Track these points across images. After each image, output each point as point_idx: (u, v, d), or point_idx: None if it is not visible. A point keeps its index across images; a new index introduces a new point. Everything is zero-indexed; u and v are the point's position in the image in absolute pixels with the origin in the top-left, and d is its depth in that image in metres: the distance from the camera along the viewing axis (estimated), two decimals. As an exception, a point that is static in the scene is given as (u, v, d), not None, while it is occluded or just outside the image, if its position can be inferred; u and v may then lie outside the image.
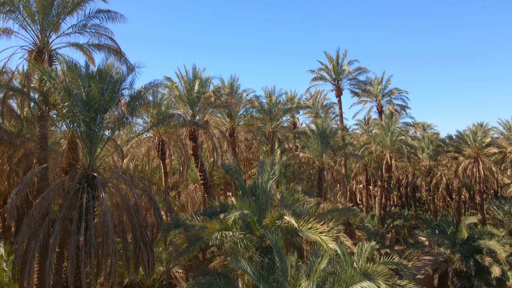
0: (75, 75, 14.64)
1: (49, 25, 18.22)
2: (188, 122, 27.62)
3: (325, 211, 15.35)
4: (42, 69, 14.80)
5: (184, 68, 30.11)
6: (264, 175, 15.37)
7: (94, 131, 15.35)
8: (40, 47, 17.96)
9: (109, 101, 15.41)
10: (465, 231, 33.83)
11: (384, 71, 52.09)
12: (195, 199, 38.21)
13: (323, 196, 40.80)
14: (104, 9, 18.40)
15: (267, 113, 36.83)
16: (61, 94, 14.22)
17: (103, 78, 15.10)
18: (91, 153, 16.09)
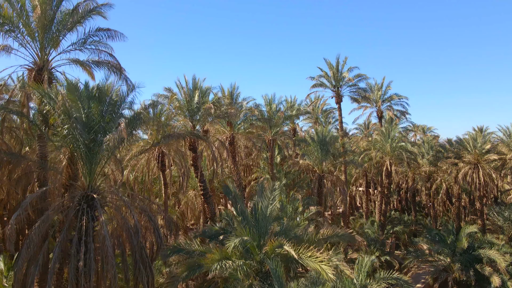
0: (74, 97, 14.61)
1: (48, 43, 18.19)
2: (188, 134, 27.63)
3: (325, 237, 15.31)
4: (42, 91, 14.76)
5: (184, 78, 30.13)
6: (264, 201, 15.34)
7: (93, 153, 15.32)
8: (40, 66, 17.93)
9: (109, 122, 15.38)
10: (465, 241, 33.83)
11: (384, 77, 52.01)
12: (195, 206, 38.23)
13: (323, 204, 40.82)
14: (104, 28, 18.39)
15: (267, 121, 36.78)
16: (61, 117, 14.19)
17: (103, 100, 15.09)
18: (91, 173, 16.08)
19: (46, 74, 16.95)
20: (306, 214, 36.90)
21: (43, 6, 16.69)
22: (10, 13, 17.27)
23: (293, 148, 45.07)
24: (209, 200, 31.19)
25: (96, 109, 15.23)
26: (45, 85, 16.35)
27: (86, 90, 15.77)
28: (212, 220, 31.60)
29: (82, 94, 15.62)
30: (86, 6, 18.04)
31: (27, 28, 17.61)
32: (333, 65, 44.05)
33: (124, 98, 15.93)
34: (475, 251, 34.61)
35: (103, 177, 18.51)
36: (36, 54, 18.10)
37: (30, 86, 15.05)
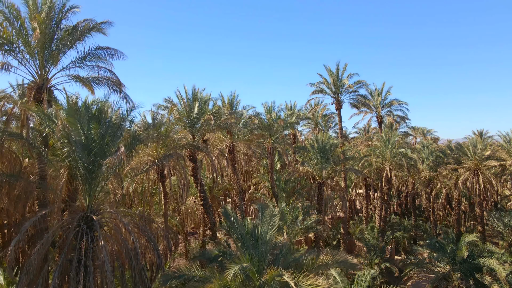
0: (74, 120, 14.58)
1: (48, 60, 18.16)
2: (188, 145, 27.62)
3: (324, 263, 15.26)
4: (42, 113, 14.74)
5: (184, 89, 30.11)
6: (264, 226, 15.30)
7: (93, 174, 15.30)
8: (39, 84, 17.90)
9: (108, 144, 15.36)
10: (465, 250, 33.76)
11: (384, 82, 51.99)
12: (195, 212, 38.18)
13: (323, 211, 40.83)
14: (104, 46, 18.37)
15: (266, 129, 36.77)
16: (60, 140, 14.17)
17: (103, 122, 15.07)
18: (90, 194, 16.06)
19: (46, 93, 16.90)
20: (306, 222, 37.03)
21: (43, 26, 16.65)
22: (9, 31, 17.24)
23: (293, 155, 45.04)
24: (209, 210, 31.22)
25: (96, 130, 15.21)
26: (44, 105, 16.32)
27: (86, 110, 15.75)
28: (212, 230, 31.66)
29: (82, 115, 15.59)
30: (86, 25, 18.01)
31: (26, 47, 17.59)
32: (333, 72, 44.00)
33: (123, 119, 15.91)
34: (475, 260, 34.56)
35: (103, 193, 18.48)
36: (36, 72, 18.08)
37: (29, 109, 15.00)
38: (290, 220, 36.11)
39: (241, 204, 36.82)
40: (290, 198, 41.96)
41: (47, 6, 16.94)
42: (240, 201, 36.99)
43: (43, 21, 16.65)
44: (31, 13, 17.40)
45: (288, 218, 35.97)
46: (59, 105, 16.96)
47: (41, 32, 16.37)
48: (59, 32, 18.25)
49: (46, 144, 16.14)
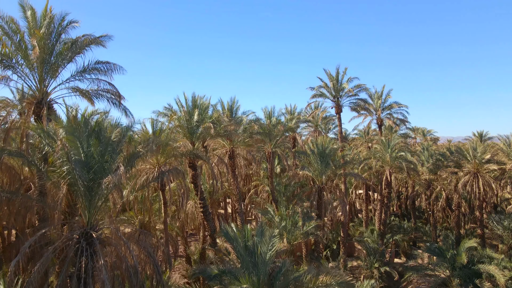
0: (73, 138, 14.57)
1: (47, 74, 18.14)
2: (187, 154, 27.64)
3: (324, 284, 15.25)
4: (41, 132, 14.73)
5: (183, 96, 30.11)
6: (264, 246, 15.32)
7: (93, 192, 15.31)
8: (39, 98, 17.89)
9: (108, 161, 15.37)
10: (465, 256, 33.82)
11: (384, 85, 51.76)
12: (195, 215, 38.19)
13: (322, 216, 40.87)
14: (103, 61, 18.35)
15: (266, 135, 36.75)
16: (60, 159, 14.18)
17: (103, 140, 15.06)
18: (90, 210, 16.08)
19: (45, 108, 16.90)
20: (306, 227, 37.06)
21: (42, 41, 16.63)
22: (8, 46, 17.22)
23: (293, 160, 45.02)
24: (209, 217, 31.25)
25: (95, 147, 15.21)
26: (44, 121, 16.31)
27: (85, 126, 15.74)
28: (211, 237, 31.69)
29: (81, 131, 15.58)
30: (86, 40, 17.99)
31: (26, 61, 17.58)
32: (333, 76, 43.91)
33: (123, 135, 15.91)
34: (475, 265, 34.65)
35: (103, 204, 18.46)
36: (36, 86, 18.06)
37: (28, 128, 15.01)
38: (290, 225, 36.14)
39: (241, 210, 36.86)
40: (290, 202, 42.00)
41: (46, 21, 16.89)
42: (240, 206, 37.01)
43: (42, 37, 16.62)
44: (30, 27, 17.36)
45: (288, 223, 35.99)
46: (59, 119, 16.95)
47: (40, 47, 16.33)
48: (58, 46, 18.21)
49: (45, 160, 16.14)
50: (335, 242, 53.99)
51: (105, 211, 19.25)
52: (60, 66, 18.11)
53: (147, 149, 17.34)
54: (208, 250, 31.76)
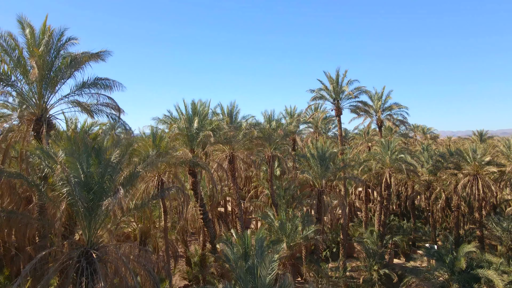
0: (73, 159, 14.58)
1: (46, 90, 18.09)
2: (187, 162, 27.65)
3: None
4: (41, 153, 14.72)
5: (183, 103, 30.10)
6: (263, 271, 15.38)
7: (92, 212, 15.35)
8: (38, 115, 17.86)
9: (107, 181, 15.40)
10: (464, 261, 33.96)
11: (384, 86, 51.69)
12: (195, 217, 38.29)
13: (322, 220, 40.99)
14: (102, 77, 18.30)
15: (266, 140, 36.73)
16: (60, 182, 14.20)
17: (103, 162, 15.07)
18: (90, 229, 16.13)
19: (45, 126, 16.87)
20: (306, 232, 37.16)
21: (40, 60, 16.56)
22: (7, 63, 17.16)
23: (293, 163, 45.06)
24: (209, 224, 31.37)
25: (95, 168, 15.22)
26: (43, 140, 16.29)
27: (85, 146, 15.74)
28: (211, 243, 31.82)
29: (81, 151, 15.60)
30: (85, 57, 17.90)
31: (25, 78, 17.51)
32: (333, 78, 43.81)
33: (123, 155, 15.91)
34: (473, 270, 34.81)
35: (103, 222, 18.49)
36: (35, 103, 18.01)
37: (27, 149, 15.00)
38: (289, 229, 36.25)
39: (240, 214, 36.94)
40: (290, 206, 42.10)
41: (45, 40, 16.80)
42: (240, 211, 37.10)
43: (41, 55, 16.55)
44: (29, 44, 17.28)
45: (287, 227, 36.08)
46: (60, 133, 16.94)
47: (39, 66, 16.28)
48: (57, 61, 18.15)
49: (45, 179, 16.16)
50: (335, 242, 54.23)
51: (106, 226, 19.26)
52: (59, 82, 18.06)
53: (147, 167, 17.34)
54: (208, 257, 31.89)
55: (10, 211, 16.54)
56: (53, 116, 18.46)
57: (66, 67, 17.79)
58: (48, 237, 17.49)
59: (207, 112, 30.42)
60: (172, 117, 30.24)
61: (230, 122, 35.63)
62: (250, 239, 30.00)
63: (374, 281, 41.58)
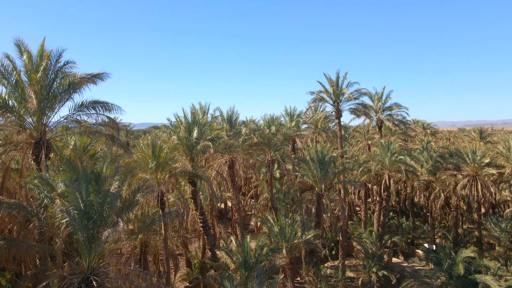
0: (73, 190, 14.60)
1: (44, 114, 18.02)
2: (187, 173, 27.70)
3: None
4: (40, 182, 14.73)
5: (183, 112, 30.05)
6: None
7: (92, 243, 15.41)
8: (36, 138, 17.82)
9: (107, 210, 15.45)
10: (461, 266, 34.22)
11: (384, 87, 51.64)
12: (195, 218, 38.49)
13: (321, 224, 41.21)
14: (101, 101, 18.22)
15: (266, 145, 36.72)
16: (60, 215, 14.24)
17: (102, 191, 15.10)
18: (90, 254, 16.21)
19: (44, 151, 16.85)
20: (305, 236, 37.39)
21: (38, 85, 16.46)
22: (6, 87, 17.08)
23: (292, 167, 45.08)
24: (209, 232, 31.54)
25: (95, 197, 15.26)
26: (43, 166, 16.29)
27: (84, 174, 15.73)
28: (211, 251, 32.02)
29: (80, 178, 15.60)
30: (83, 81, 17.82)
31: (23, 102, 17.41)
32: (333, 80, 43.63)
33: (122, 181, 15.93)
34: (471, 275, 35.10)
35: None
36: (34, 126, 17.96)
37: (25, 182, 15.00)
38: (289, 234, 36.47)
39: (240, 220, 37.10)
40: (289, 209, 42.28)
41: (43, 66, 16.65)
42: (240, 216, 37.25)
43: (39, 80, 16.44)
44: (27, 69, 17.17)
45: (287, 232, 36.30)
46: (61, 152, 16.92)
47: (37, 93, 16.19)
48: (55, 83, 18.05)
49: (45, 208, 16.20)
50: (334, 241, 54.55)
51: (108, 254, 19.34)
52: (58, 104, 17.98)
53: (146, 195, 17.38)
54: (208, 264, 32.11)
55: (10, 239, 16.63)
56: (52, 138, 18.42)
57: (65, 91, 17.71)
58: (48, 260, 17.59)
59: (206, 121, 30.37)
60: (172, 126, 30.21)
61: (230, 127, 35.59)
62: (249, 247, 30.24)
63: (373, 283, 41.95)
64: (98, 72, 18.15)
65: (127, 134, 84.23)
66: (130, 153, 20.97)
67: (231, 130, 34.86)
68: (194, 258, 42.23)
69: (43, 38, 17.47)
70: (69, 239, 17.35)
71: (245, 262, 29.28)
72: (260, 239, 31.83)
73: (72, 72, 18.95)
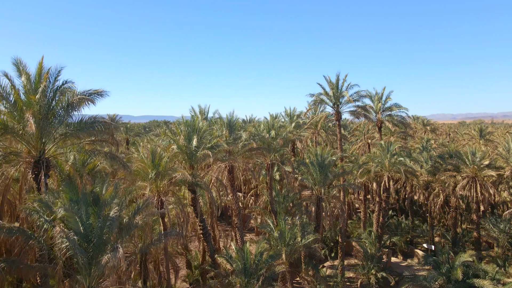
0: (73, 214, 14.66)
1: (43, 133, 17.98)
2: (186, 182, 27.75)
3: None
4: (39, 205, 14.78)
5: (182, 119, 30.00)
6: None
7: (92, 264, 15.50)
8: (36, 157, 17.82)
9: (107, 233, 15.51)
10: (460, 271, 34.45)
11: (384, 87, 51.59)
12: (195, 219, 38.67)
13: (321, 227, 41.36)
14: (100, 119, 18.23)
15: (266, 150, 36.72)
16: (59, 240, 14.30)
17: (102, 216, 15.16)
18: (90, 275, 16.32)
19: (43, 172, 16.85)
20: (304, 240, 37.58)
21: (37, 106, 16.42)
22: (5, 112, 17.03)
23: (292, 169, 45.15)
24: (209, 239, 31.69)
25: (94, 219, 15.32)
26: (42, 187, 16.32)
27: (83, 196, 15.79)
28: (211, 257, 32.20)
29: (79, 200, 15.65)
30: (82, 102, 17.75)
31: (22, 121, 17.36)
32: (333, 83, 43.52)
33: (121, 204, 15.97)
34: (469, 279, 35.35)
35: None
36: (33, 146, 17.94)
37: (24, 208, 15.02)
38: (288, 239, 36.65)
39: (240, 225, 37.24)
40: (289, 212, 42.41)
41: (41, 88, 16.55)
42: (240, 221, 37.37)
43: (37, 102, 16.39)
44: (25, 89, 17.11)
45: (286, 236, 36.47)
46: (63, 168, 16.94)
47: (35, 113, 16.15)
48: (53, 102, 17.98)
49: (45, 231, 16.24)
50: (333, 241, 54.80)
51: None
52: (57, 124, 17.93)
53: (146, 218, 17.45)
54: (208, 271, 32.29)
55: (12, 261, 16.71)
56: (52, 156, 18.41)
57: (64, 110, 17.66)
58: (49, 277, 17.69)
59: (206, 128, 30.36)
60: (172, 135, 30.22)
61: (229, 132, 35.55)
62: (249, 253, 30.41)
63: (372, 285, 42.24)
64: (96, 90, 18.01)
65: (127, 131, 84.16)
66: (129, 170, 20.96)
67: (231, 135, 34.79)
68: (195, 260, 42.49)
69: (41, 57, 17.42)
70: (70, 261, 17.39)
71: (245, 269, 29.49)
72: (260, 245, 32.05)
73: (71, 89, 18.87)
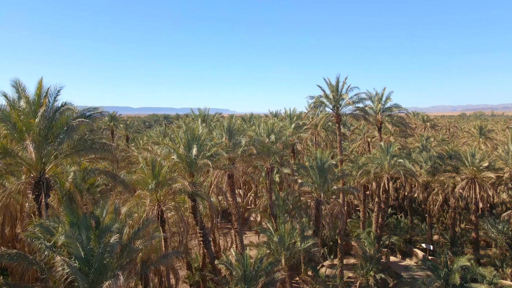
0: (73, 240, 14.77)
1: (43, 153, 18.02)
2: (186, 192, 27.87)
3: None
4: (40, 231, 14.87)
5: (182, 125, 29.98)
6: None
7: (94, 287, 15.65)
8: (36, 178, 17.88)
9: (108, 258, 15.64)
10: (457, 276, 34.74)
11: (384, 88, 51.49)
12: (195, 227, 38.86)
13: (320, 231, 41.60)
14: (100, 141, 18.18)
15: (266, 154, 36.79)
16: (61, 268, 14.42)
17: (102, 242, 15.26)
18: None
19: (43, 193, 16.93)
20: (304, 245, 37.83)
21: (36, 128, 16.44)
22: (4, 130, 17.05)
23: (292, 172, 45.25)
24: (209, 246, 31.89)
25: (95, 243, 15.43)
26: (43, 211, 16.42)
27: (84, 223, 15.88)
28: (212, 264, 32.44)
29: (80, 224, 15.76)
30: (81, 125, 17.76)
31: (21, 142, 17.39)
32: (333, 85, 43.43)
33: (122, 227, 16.09)
34: (467, 283, 35.66)
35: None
36: (33, 167, 17.99)
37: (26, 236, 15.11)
38: (288, 243, 36.90)
39: (240, 230, 37.44)
40: (289, 214, 42.59)
41: (41, 113, 16.54)
42: (239, 226, 37.57)
43: (37, 124, 16.40)
44: (25, 113, 17.11)
45: (286, 241, 36.71)
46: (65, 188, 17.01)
47: (35, 137, 16.17)
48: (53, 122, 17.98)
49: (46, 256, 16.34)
50: (333, 240, 55.12)
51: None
52: (56, 144, 17.95)
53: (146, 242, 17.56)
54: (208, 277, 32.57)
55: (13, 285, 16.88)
56: (52, 176, 18.47)
57: (63, 132, 17.67)
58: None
59: (205, 136, 30.38)
60: (171, 141, 30.25)
61: (229, 138, 35.57)
62: (249, 258, 30.65)
63: (371, 286, 42.61)
64: (94, 110, 18.08)
65: (126, 128, 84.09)
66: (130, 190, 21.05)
67: (230, 141, 34.81)
68: (195, 261, 42.80)
69: (40, 78, 17.36)
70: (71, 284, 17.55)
71: (245, 275, 29.75)
72: (260, 251, 32.31)
73: (71, 105, 18.87)
